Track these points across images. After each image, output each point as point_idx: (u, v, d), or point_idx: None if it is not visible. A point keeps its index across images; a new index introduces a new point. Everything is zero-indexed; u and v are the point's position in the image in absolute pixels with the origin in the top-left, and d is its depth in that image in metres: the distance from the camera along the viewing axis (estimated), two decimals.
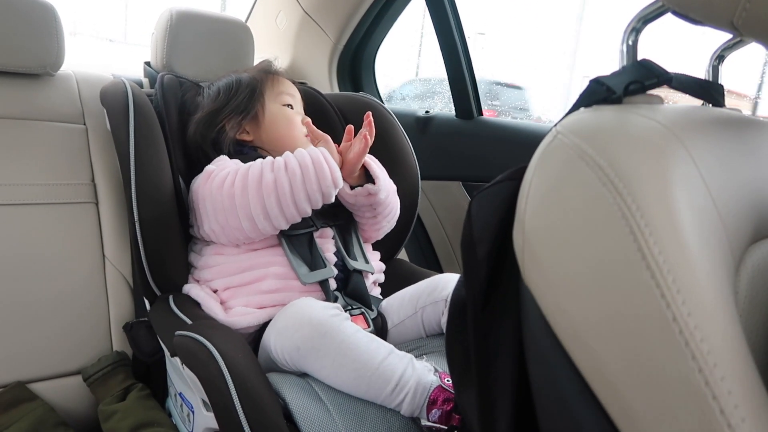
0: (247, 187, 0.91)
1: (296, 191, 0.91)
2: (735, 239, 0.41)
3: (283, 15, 1.71)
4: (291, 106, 1.12)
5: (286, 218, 0.93)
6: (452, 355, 0.52)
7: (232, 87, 1.11)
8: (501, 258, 0.45)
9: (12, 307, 1.03)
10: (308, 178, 0.92)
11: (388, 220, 1.12)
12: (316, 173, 0.92)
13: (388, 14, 1.62)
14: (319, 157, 0.93)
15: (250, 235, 0.94)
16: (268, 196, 0.91)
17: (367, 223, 1.11)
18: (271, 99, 1.11)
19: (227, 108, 1.09)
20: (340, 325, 0.80)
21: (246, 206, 0.91)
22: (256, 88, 1.11)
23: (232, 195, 0.92)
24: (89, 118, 1.22)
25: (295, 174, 0.91)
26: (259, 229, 0.93)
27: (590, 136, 0.39)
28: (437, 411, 0.74)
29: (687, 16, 0.44)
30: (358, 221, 1.11)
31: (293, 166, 0.92)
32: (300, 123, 1.10)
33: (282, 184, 0.91)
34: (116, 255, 1.15)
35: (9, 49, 1.12)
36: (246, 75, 1.14)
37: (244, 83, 1.11)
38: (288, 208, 0.92)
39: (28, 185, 1.10)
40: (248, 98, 1.10)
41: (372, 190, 1.03)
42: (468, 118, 1.52)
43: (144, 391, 1.03)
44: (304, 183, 0.91)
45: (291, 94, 1.14)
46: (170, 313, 0.93)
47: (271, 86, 1.12)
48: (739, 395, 0.29)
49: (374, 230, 1.13)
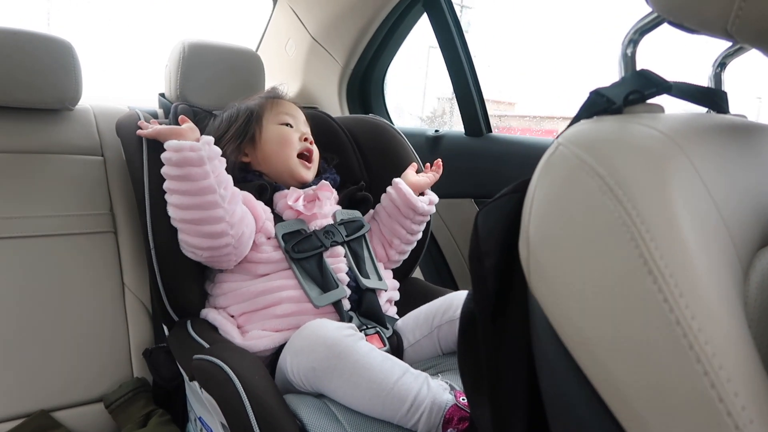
0: (177, 223, 0.95)
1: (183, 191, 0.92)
2: (741, 244, 0.40)
3: (292, 42, 1.75)
4: (290, 125, 1.14)
5: (213, 217, 0.92)
6: (464, 368, 0.52)
7: (233, 114, 1.15)
8: (509, 270, 0.45)
9: (34, 336, 1.05)
10: (175, 174, 0.92)
11: (419, 236, 1.20)
12: (176, 164, 0.92)
13: (395, 37, 1.65)
14: (167, 153, 0.93)
15: (225, 249, 0.94)
16: (181, 218, 0.93)
17: (398, 240, 1.16)
18: (270, 120, 1.14)
19: (228, 134, 1.11)
20: (354, 345, 0.81)
21: (188, 232, 0.94)
22: (254, 111, 1.14)
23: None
24: (107, 149, 1.26)
25: (169, 187, 0.93)
26: (220, 239, 0.93)
27: (590, 146, 0.40)
28: (453, 430, 0.74)
29: (682, 25, 0.45)
30: (390, 240, 1.17)
31: (167, 185, 0.94)
32: (296, 140, 1.12)
33: (174, 201, 0.93)
34: (135, 282, 1.17)
35: (29, 86, 1.17)
36: (251, 102, 1.17)
37: (243, 109, 1.15)
38: (196, 211, 0.92)
39: (49, 217, 1.13)
40: (246, 122, 1.13)
41: (433, 199, 1.18)
42: (477, 136, 1.53)
43: (165, 416, 1.04)
44: (178, 178, 0.92)
45: (292, 114, 1.16)
46: (188, 338, 0.94)
47: (270, 109, 1.15)
48: (746, 397, 0.29)
49: (401, 251, 1.19)
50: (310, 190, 1.09)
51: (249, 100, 1.19)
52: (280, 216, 1.05)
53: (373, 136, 1.31)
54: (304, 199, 1.06)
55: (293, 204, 1.04)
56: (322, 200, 1.08)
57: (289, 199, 1.05)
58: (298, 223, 1.04)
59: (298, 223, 1.04)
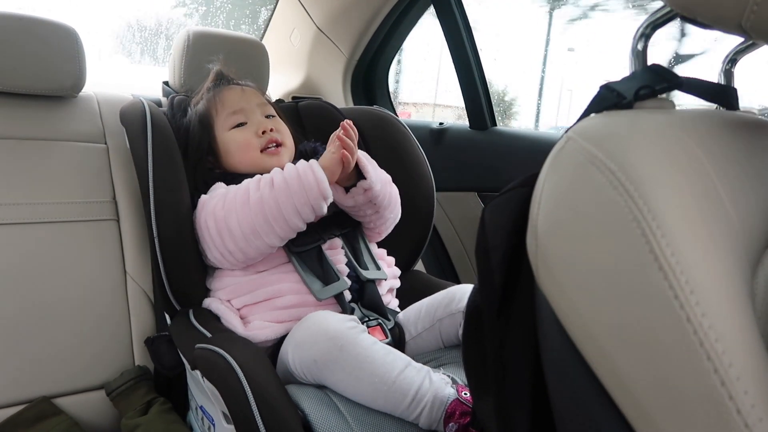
0: (235, 209, 0.92)
1: (283, 207, 0.90)
2: (751, 242, 0.40)
3: (297, 32, 1.74)
4: (243, 123, 1.09)
5: (278, 235, 0.92)
6: (469, 362, 0.52)
7: (188, 125, 1.13)
8: (515, 264, 0.45)
9: (36, 323, 1.05)
10: (294, 192, 0.90)
11: (390, 210, 1.09)
12: (303, 187, 0.90)
13: (401, 28, 1.64)
14: (306, 170, 0.92)
15: (248, 256, 0.94)
16: (255, 215, 0.91)
17: (372, 222, 1.09)
18: (221, 127, 1.10)
19: (189, 149, 1.10)
20: (356, 338, 0.81)
21: (236, 227, 0.91)
22: (203, 121, 1.11)
23: (222, 219, 0.93)
24: (110, 137, 1.26)
25: (280, 190, 0.91)
26: (253, 249, 0.93)
27: (601, 141, 0.40)
28: (454, 425, 0.74)
29: (695, 20, 0.45)
30: (363, 223, 1.10)
31: (279, 182, 0.92)
32: (254, 141, 1.07)
33: (267, 201, 0.91)
34: (137, 271, 1.17)
35: (33, 73, 1.16)
36: (197, 108, 1.14)
37: (195, 118, 1.12)
38: (277, 224, 0.91)
39: (52, 204, 1.13)
40: (200, 135, 1.10)
41: (365, 186, 1.01)
42: (482, 129, 1.52)
43: (166, 405, 1.04)
44: (291, 198, 0.90)
45: (240, 108, 1.10)
46: (190, 327, 0.94)
47: (218, 112, 1.11)
48: (756, 395, 0.29)
49: (381, 226, 1.11)
50: None
51: (199, 93, 1.17)
52: None
53: (378, 128, 1.30)
54: None
55: None
56: None
57: None
58: None
59: None
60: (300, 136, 1.24)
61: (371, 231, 1.12)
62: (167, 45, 2.10)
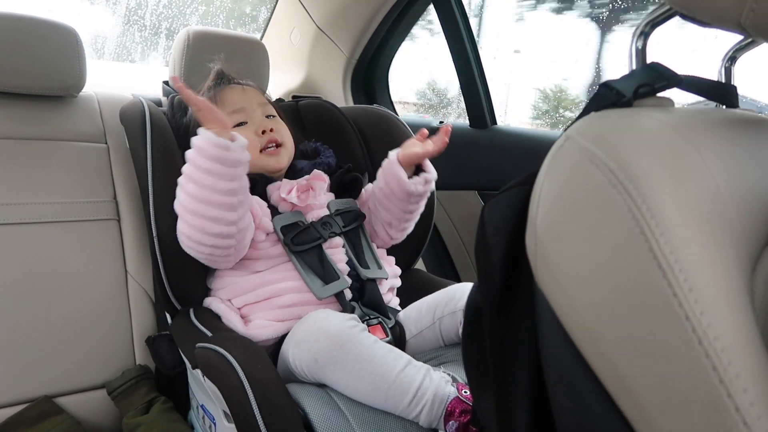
0: (182, 219, 0.90)
1: (201, 179, 0.87)
2: (750, 239, 0.40)
3: (297, 31, 1.74)
4: (243, 123, 1.08)
5: (224, 208, 0.88)
6: (469, 361, 0.52)
7: (189, 126, 1.12)
8: (515, 263, 0.45)
9: (37, 323, 1.05)
10: (200, 167, 0.86)
11: (419, 213, 1.13)
12: (201, 154, 0.86)
13: (401, 27, 1.64)
14: (196, 141, 0.87)
15: (229, 251, 0.92)
16: (193, 211, 0.88)
17: (397, 221, 1.11)
18: None
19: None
20: (357, 337, 0.81)
21: (192, 235, 0.90)
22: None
23: (180, 231, 0.92)
24: (110, 137, 1.26)
25: (190, 173, 0.88)
26: (225, 239, 0.90)
27: (600, 139, 0.40)
28: (454, 423, 0.74)
29: (694, 18, 0.45)
30: (389, 220, 1.11)
31: (186, 170, 0.88)
32: (254, 140, 1.05)
33: (189, 189, 0.88)
34: (138, 270, 1.17)
35: (33, 73, 1.16)
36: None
37: (194, 121, 1.09)
38: (213, 201, 0.87)
39: (52, 203, 1.13)
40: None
41: (428, 178, 1.07)
42: (482, 128, 1.52)
43: (167, 404, 1.05)
44: (199, 172, 0.87)
45: (241, 108, 1.09)
46: (191, 326, 0.95)
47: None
48: (755, 393, 0.29)
49: (401, 229, 1.13)
50: (303, 180, 1.06)
51: (200, 93, 1.13)
52: (275, 208, 1.04)
53: (378, 127, 1.30)
54: (298, 190, 1.04)
55: (286, 196, 1.02)
56: (316, 190, 1.06)
57: (282, 192, 1.02)
58: (295, 215, 1.03)
59: (295, 215, 1.03)
60: (300, 135, 1.24)
61: (382, 234, 1.13)
62: (167, 45, 2.09)
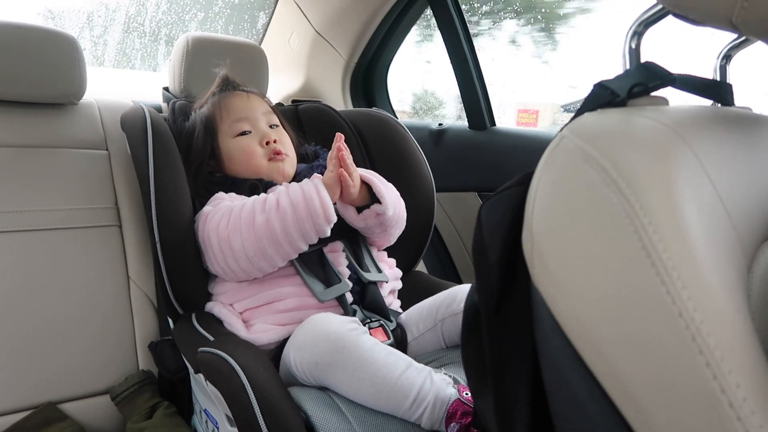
0: (239, 230, 0.92)
1: (288, 231, 0.91)
2: (746, 237, 0.40)
3: (295, 36, 1.75)
4: (248, 131, 1.10)
5: (282, 257, 0.93)
6: (468, 361, 0.52)
7: (190, 129, 1.13)
8: (512, 263, 0.45)
9: (41, 329, 1.05)
10: (299, 217, 0.91)
11: (398, 228, 1.11)
12: (309, 211, 0.91)
13: (398, 30, 1.65)
14: (311, 193, 0.92)
15: (250, 274, 0.95)
16: (260, 239, 0.91)
17: (377, 237, 1.10)
18: (225, 134, 1.10)
19: (191, 154, 1.10)
20: (357, 339, 0.81)
21: (240, 249, 0.92)
22: (207, 126, 1.11)
23: (225, 238, 0.93)
24: (111, 143, 1.26)
25: (286, 213, 0.91)
26: (256, 269, 0.94)
27: (594, 139, 0.40)
28: (456, 425, 0.74)
29: (687, 17, 0.45)
30: (367, 236, 1.11)
31: (284, 205, 0.91)
32: (259, 150, 1.08)
33: (273, 224, 0.90)
34: (140, 276, 1.17)
35: (34, 81, 1.17)
36: (204, 107, 1.15)
37: (199, 121, 1.12)
38: (281, 248, 0.92)
39: (54, 210, 1.13)
40: (204, 139, 1.10)
41: (379, 210, 1.01)
42: (481, 129, 1.53)
43: (170, 408, 1.05)
44: (296, 222, 0.91)
45: (245, 117, 1.11)
46: (193, 331, 0.95)
47: (223, 119, 1.11)
48: (748, 388, 0.29)
49: (386, 240, 1.12)
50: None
51: (204, 97, 1.17)
52: None
53: (378, 130, 1.31)
54: None
55: None
56: None
57: None
58: None
59: None
60: (300, 139, 1.25)
61: (373, 242, 1.13)
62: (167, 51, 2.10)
